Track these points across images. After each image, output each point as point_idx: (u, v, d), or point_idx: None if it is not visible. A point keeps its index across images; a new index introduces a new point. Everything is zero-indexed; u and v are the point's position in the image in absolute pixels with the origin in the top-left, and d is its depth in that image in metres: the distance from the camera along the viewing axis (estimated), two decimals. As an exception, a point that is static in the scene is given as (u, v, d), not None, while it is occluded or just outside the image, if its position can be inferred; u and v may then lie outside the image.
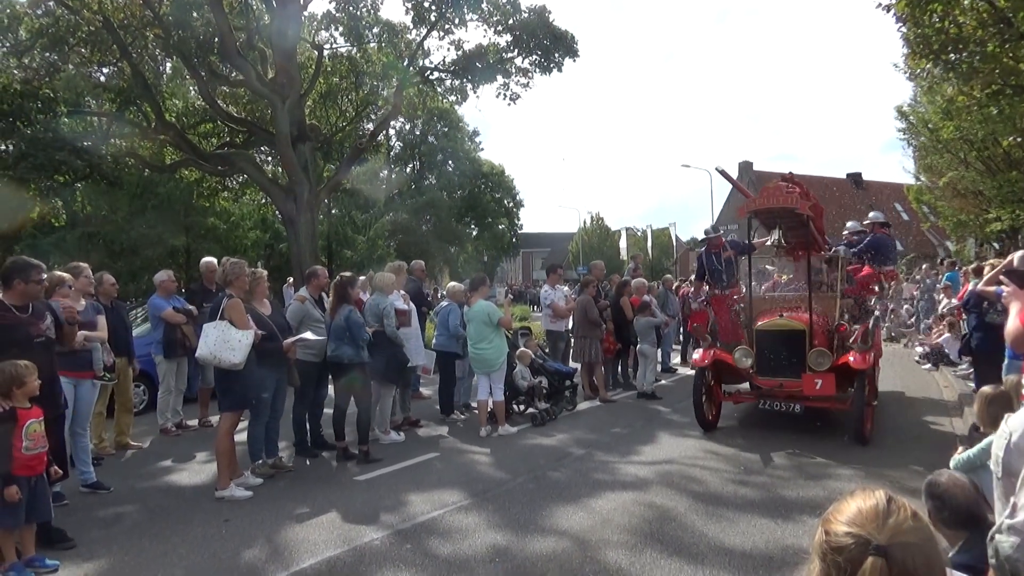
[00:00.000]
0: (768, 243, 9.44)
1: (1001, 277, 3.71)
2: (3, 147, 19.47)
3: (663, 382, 12.24)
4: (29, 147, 18.11)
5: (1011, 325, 3.16)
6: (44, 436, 4.68)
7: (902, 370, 13.01)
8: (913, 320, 17.41)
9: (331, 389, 8.22)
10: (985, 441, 4.04)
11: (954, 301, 13.20)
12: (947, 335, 12.57)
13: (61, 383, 5.49)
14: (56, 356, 5.44)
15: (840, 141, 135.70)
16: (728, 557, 4.72)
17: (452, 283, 10.61)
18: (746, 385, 9.11)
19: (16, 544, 4.67)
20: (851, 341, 8.02)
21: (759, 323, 8.29)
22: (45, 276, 5.22)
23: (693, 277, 12.63)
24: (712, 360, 8.31)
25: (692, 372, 13.37)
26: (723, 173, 10.57)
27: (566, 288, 12.96)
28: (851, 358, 7.49)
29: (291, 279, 18.79)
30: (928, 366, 12.87)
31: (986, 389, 4.39)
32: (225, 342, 6.18)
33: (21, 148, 18.31)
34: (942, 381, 11.51)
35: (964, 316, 10.89)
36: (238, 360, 6.18)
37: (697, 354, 8.63)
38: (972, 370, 9.71)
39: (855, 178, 50.11)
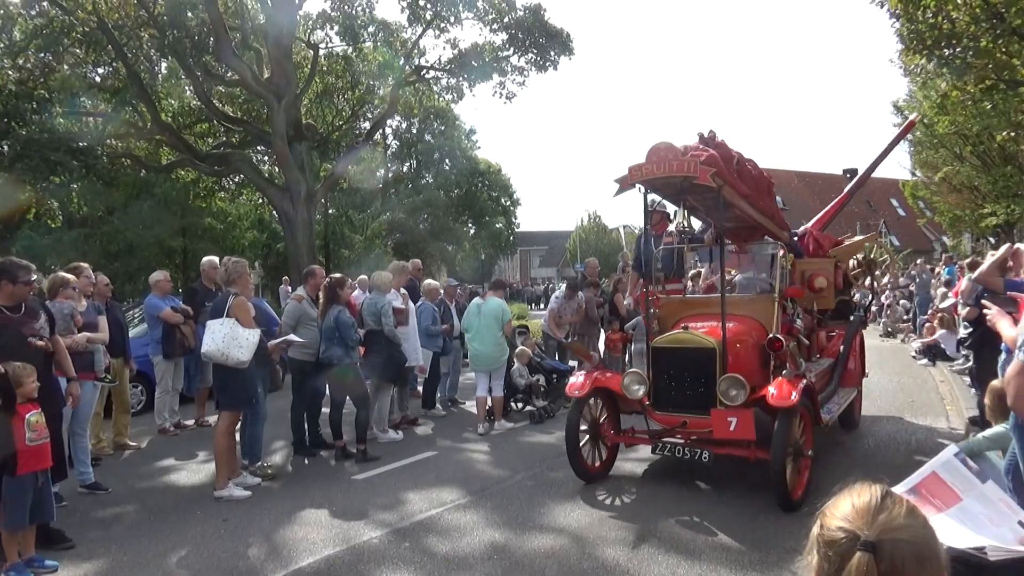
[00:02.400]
0: (708, 233, 7.88)
1: (983, 302, 3.80)
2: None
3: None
4: (25, 148, 18.10)
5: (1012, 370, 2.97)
6: (46, 427, 4.70)
7: (899, 366, 13.05)
8: (910, 315, 17.45)
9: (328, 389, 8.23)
10: (988, 431, 4.07)
11: (951, 297, 13.24)
12: (943, 331, 12.60)
13: (57, 381, 5.48)
14: (62, 356, 5.47)
15: (837, 137, 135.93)
16: (725, 552, 4.75)
17: (427, 280, 10.56)
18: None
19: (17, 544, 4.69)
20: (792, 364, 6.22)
21: (657, 337, 6.35)
22: (35, 277, 5.19)
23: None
24: (592, 387, 6.34)
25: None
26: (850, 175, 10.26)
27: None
28: (770, 390, 5.55)
29: (287, 278, 18.79)
30: (924, 361, 12.91)
31: (996, 383, 4.41)
32: (234, 339, 6.17)
33: (17, 149, 18.30)
34: (938, 376, 11.54)
35: (959, 311, 10.93)
36: (246, 358, 6.19)
37: (578, 378, 6.55)
38: (968, 365, 9.74)
39: (851, 173, 50.16)
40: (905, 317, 17.68)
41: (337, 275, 8.01)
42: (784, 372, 5.82)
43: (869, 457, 7.05)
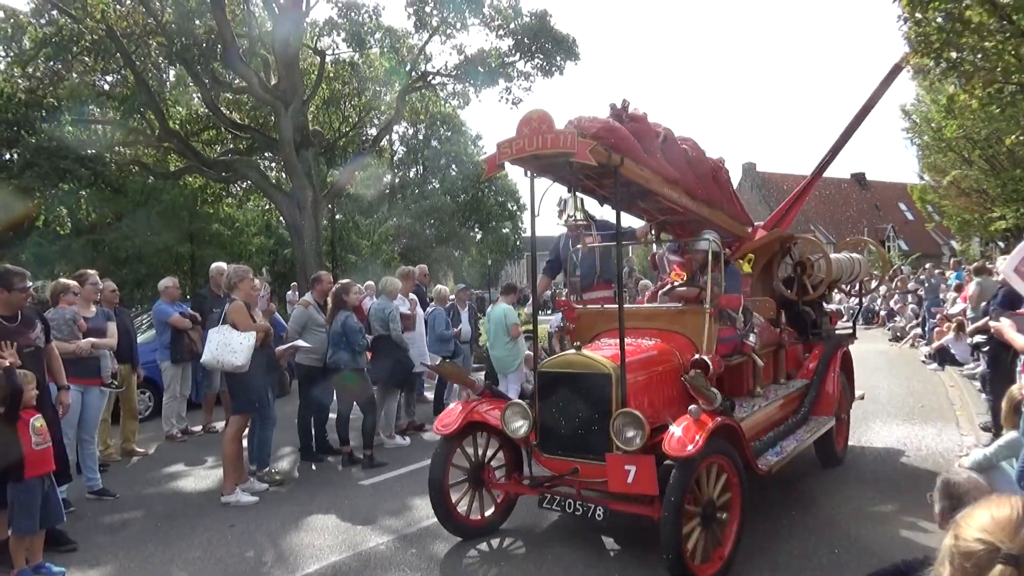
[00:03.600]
0: (642, 227, 7.06)
1: (991, 324, 3.91)
2: (8, 156, 19.58)
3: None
4: (34, 156, 18.22)
5: None
6: (48, 431, 4.73)
7: (909, 371, 12.98)
8: (919, 320, 17.36)
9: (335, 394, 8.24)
10: (1002, 439, 4.04)
11: (960, 301, 13.16)
12: (950, 336, 12.53)
13: (48, 388, 5.43)
14: (55, 364, 5.48)
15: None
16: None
17: (438, 286, 10.66)
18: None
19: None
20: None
21: (544, 360, 5.24)
22: (30, 284, 5.19)
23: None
24: (465, 423, 5.17)
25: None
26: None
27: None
28: (674, 431, 4.27)
29: (295, 284, 18.83)
30: (934, 366, 12.83)
31: (1015, 389, 4.38)
32: (226, 345, 6.22)
33: (26, 157, 18.43)
34: (948, 381, 11.47)
35: (968, 316, 10.86)
36: (240, 362, 6.22)
37: (453, 410, 5.38)
38: (979, 370, 9.67)
39: (859, 178, 50.07)
40: (915, 322, 17.58)
41: (345, 280, 8.03)
42: (691, 409, 4.32)
43: (879, 462, 7.00)
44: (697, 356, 4.93)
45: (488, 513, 5.43)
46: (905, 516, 5.35)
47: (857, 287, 8.53)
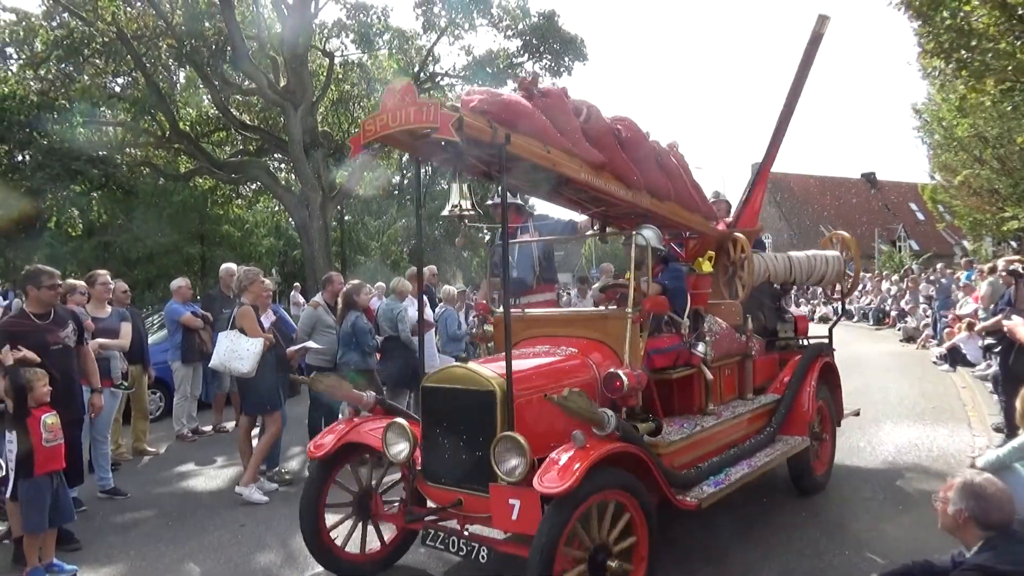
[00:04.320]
0: (584, 222, 6.47)
1: (1004, 322, 3.86)
2: (20, 157, 19.75)
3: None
4: (46, 157, 18.37)
5: None
6: (61, 430, 4.77)
7: (920, 372, 12.90)
8: (929, 320, 17.26)
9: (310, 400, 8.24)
10: (1016, 441, 4.01)
11: (971, 301, 13.08)
12: (963, 335, 12.44)
13: (81, 388, 5.56)
14: (89, 366, 5.61)
15: (854, 140, 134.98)
16: (740, 560, 4.71)
17: (446, 287, 10.65)
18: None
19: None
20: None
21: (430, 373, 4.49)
22: (59, 282, 5.30)
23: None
24: (340, 445, 4.56)
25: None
26: None
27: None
28: (549, 463, 3.62)
29: (297, 284, 18.90)
30: (945, 367, 12.75)
31: None
32: (234, 351, 6.26)
33: (38, 158, 18.58)
34: (960, 382, 11.40)
35: (980, 317, 10.79)
36: (246, 369, 6.25)
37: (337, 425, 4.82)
38: (990, 371, 9.60)
39: (869, 177, 49.83)
40: (925, 321, 17.48)
41: (356, 281, 8.05)
42: (575, 436, 3.63)
43: (890, 463, 6.96)
44: (612, 370, 4.24)
45: (377, 548, 4.77)
46: (916, 517, 5.32)
47: (839, 289, 7.21)
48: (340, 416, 4.86)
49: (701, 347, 5.08)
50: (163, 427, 9.71)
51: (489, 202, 6.56)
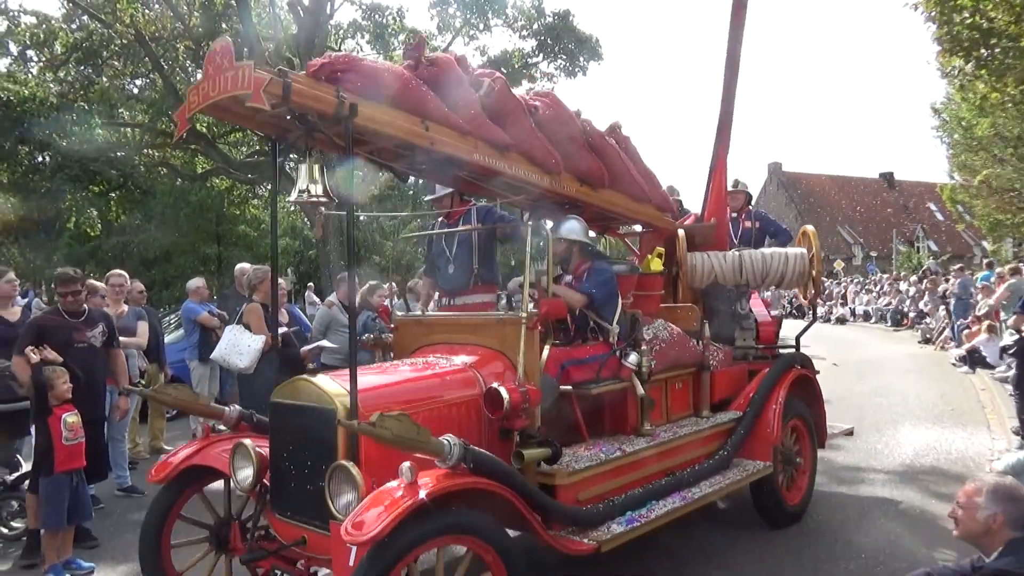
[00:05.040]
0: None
1: None
2: (40, 158, 19.99)
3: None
4: (65, 159, 18.58)
5: None
6: (82, 428, 4.83)
7: (938, 374, 12.76)
8: (947, 322, 17.08)
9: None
10: None
11: (990, 302, 12.93)
12: (984, 336, 12.30)
13: (105, 388, 5.66)
14: (118, 367, 5.76)
15: (872, 139, 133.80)
16: (760, 564, 4.67)
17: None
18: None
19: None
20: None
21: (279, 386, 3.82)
22: (77, 288, 5.43)
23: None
24: (182, 469, 3.94)
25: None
26: None
27: None
28: (384, 497, 2.94)
29: (312, 284, 18.99)
30: (965, 369, 12.61)
31: None
32: (235, 346, 6.30)
33: (58, 160, 18.80)
34: (979, 384, 11.27)
35: (1001, 317, 10.66)
36: (244, 365, 6.29)
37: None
38: (1010, 373, 9.48)
39: (887, 178, 49.39)
40: (944, 322, 17.30)
41: (372, 282, 8.08)
42: (401, 468, 2.94)
43: (908, 466, 6.89)
44: (492, 386, 3.60)
45: None
46: (934, 521, 5.26)
47: (809, 291, 6.15)
48: (193, 434, 4.17)
49: (633, 357, 4.41)
50: (180, 426, 9.77)
51: (428, 197, 5.85)
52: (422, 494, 2.88)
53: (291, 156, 25.21)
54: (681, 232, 5.70)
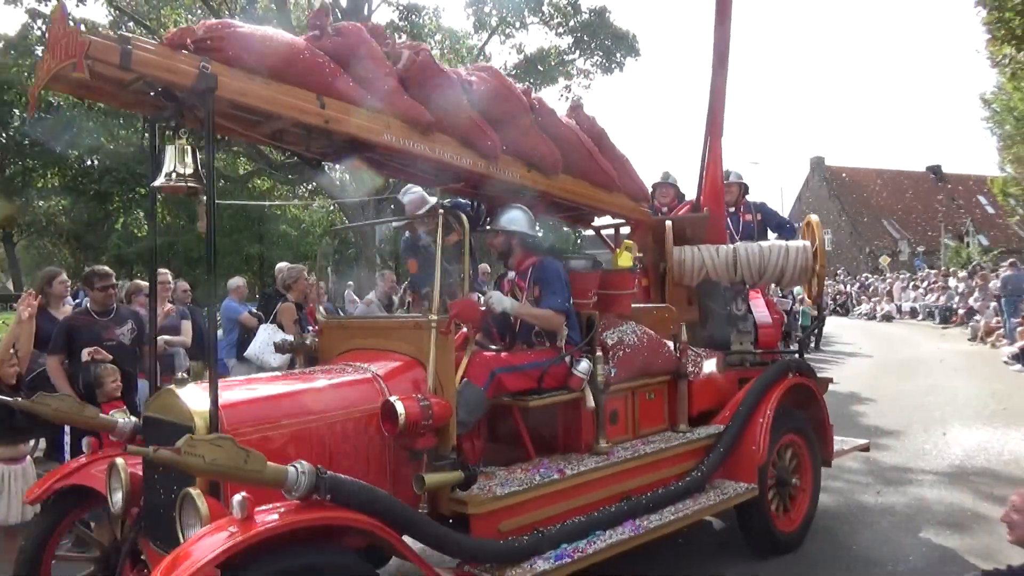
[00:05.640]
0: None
1: None
2: (89, 162, 20.58)
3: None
4: (113, 162, 19.11)
5: None
6: None
7: (989, 372, 12.39)
8: (1000, 319, 16.57)
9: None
10: None
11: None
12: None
13: (138, 385, 5.74)
14: (134, 360, 5.77)
15: (918, 132, 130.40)
16: (797, 566, 4.58)
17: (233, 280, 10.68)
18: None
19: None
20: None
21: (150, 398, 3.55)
22: (113, 283, 5.55)
23: None
24: (58, 488, 3.56)
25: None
26: None
27: None
28: (205, 538, 2.55)
29: (351, 283, 19.22)
30: (1018, 367, 12.22)
31: None
32: (269, 345, 6.39)
33: (106, 163, 19.34)
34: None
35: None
36: (277, 364, 6.38)
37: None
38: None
39: (935, 171, 48.06)
40: (995, 320, 16.78)
41: (290, 265, 8.11)
42: (234, 501, 2.56)
43: (958, 468, 6.69)
44: (388, 399, 3.10)
45: None
46: (985, 524, 5.10)
47: (813, 289, 5.56)
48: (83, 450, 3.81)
49: (584, 365, 3.94)
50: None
51: (405, 198, 5.55)
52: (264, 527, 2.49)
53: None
54: (668, 223, 5.15)
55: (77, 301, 7.36)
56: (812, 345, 17.20)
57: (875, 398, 10.21)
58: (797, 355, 5.54)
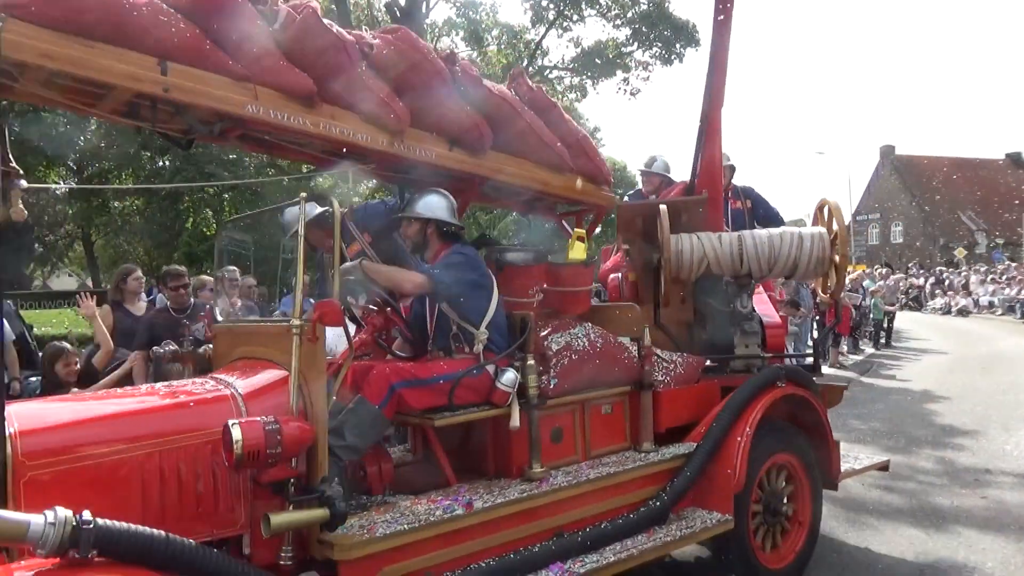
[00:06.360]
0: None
1: None
2: (161, 163, 21.38)
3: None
4: (183, 162, 19.81)
5: None
6: None
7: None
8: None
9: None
10: None
11: None
12: None
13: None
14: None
15: (996, 117, 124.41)
16: (871, 570, 4.43)
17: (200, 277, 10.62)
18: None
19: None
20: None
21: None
22: (184, 282, 5.73)
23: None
24: None
25: (830, 370, 12.77)
26: None
27: None
28: None
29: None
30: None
31: None
32: (340, 337, 6.51)
33: (176, 164, 20.07)
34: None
35: None
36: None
37: None
38: None
39: (1015, 158, 45.81)
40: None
41: (127, 266, 8.14)
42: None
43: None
44: (229, 422, 2.50)
45: None
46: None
47: (829, 284, 4.71)
48: None
49: (510, 376, 3.40)
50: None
51: (284, 218, 4.34)
52: None
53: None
54: (663, 208, 4.35)
55: (151, 297, 7.62)
56: (883, 341, 16.66)
57: (950, 396, 9.81)
58: (812, 360, 4.88)
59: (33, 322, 9.24)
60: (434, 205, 3.63)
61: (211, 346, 3.66)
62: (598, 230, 5.06)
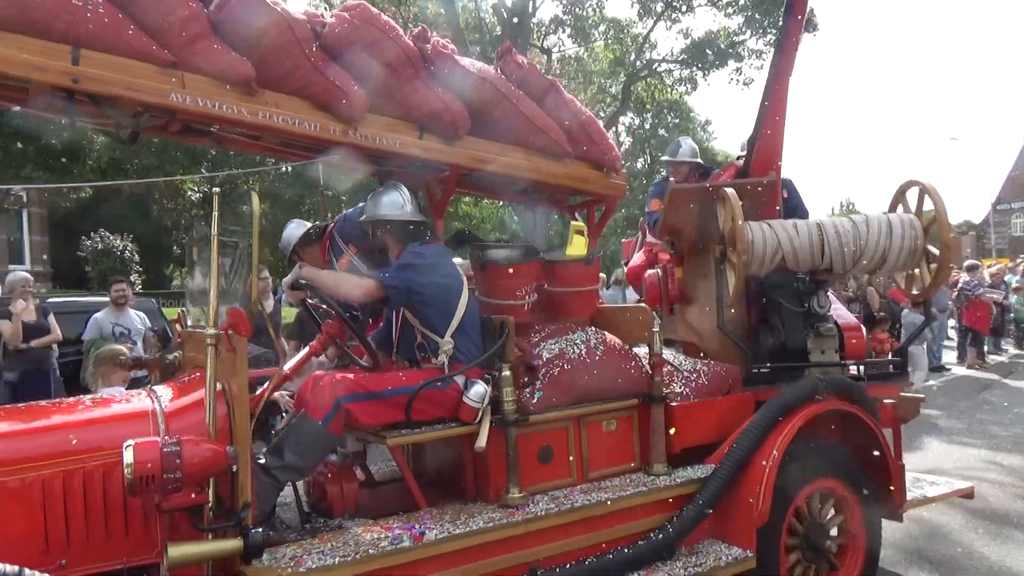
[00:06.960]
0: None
1: None
2: (285, 169, 22.61)
3: (931, 383, 10.94)
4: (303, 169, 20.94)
5: None
6: None
7: None
8: None
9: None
10: None
11: None
12: None
13: None
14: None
15: None
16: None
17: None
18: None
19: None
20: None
21: None
22: (265, 277, 5.97)
23: None
24: None
25: (969, 372, 11.94)
26: None
27: None
28: None
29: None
30: None
31: None
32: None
33: (298, 169, 21.21)
34: None
35: None
36: None
37: None
38: None
39: None
40: None
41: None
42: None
43: None
44: (129, 442, 2.25)
45: None
46: None
47: (922, 281, 4.00)
48: None
49: (478, 389, 3.07)
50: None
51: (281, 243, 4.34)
52: None
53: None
54: (731, 191, 3.61)
55: (278, 296, 8.03)
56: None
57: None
58: (895, 369, 4.14)
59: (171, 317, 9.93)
60: (382, 204, 3.31)
61: (179, 353, 3.42)
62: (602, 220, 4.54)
